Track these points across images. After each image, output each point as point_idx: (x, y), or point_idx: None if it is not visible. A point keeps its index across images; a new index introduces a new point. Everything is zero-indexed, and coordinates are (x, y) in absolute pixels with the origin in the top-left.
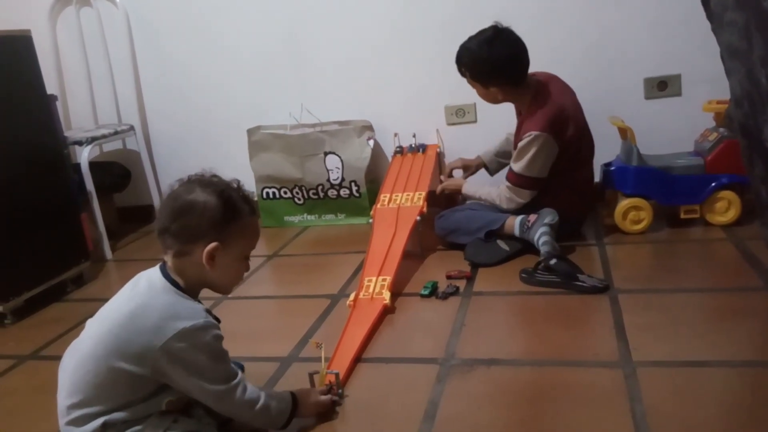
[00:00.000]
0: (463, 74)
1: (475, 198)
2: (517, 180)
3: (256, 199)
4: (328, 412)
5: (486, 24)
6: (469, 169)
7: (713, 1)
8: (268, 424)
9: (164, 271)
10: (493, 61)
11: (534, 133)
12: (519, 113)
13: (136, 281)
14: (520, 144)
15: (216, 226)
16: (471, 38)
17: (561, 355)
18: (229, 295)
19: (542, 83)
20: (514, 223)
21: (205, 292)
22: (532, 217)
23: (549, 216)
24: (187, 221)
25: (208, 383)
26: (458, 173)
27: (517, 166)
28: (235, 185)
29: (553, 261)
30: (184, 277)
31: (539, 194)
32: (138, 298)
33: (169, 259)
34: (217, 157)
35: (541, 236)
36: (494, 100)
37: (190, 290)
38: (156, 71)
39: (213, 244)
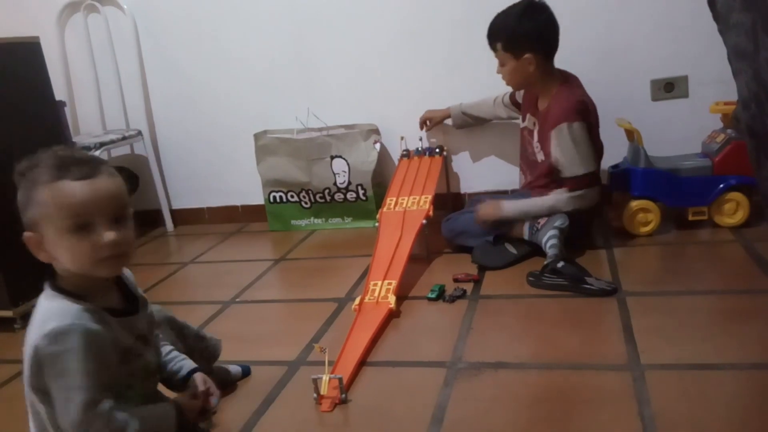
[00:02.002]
0: (494, 48)
1: (521, 216)
2: (579, 183)
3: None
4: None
5: None
6: (434, 120)
7: (719, 2)
8: None
9: (50, 279)
10: (528, 26)
11: (564, 125)
12: (534, 104)
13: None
14: (559, 144)
15: (24, 216)
16: (503, 10)
17: (569, 359)
18: (237, 300)
19: (568, 74)
20: (524, 228)
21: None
22: (542, 220)
23: (559, 220)
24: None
25: (66, 405)
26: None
27: (571, 169)
28: (52, 152)
29: (560, 264)
30: (64, 275)
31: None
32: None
33: None
34: (224, 161)
35: (549, 239)
36: (524, 75)
37: (81, 287)
38: (163, 76)
39: (26, 235)
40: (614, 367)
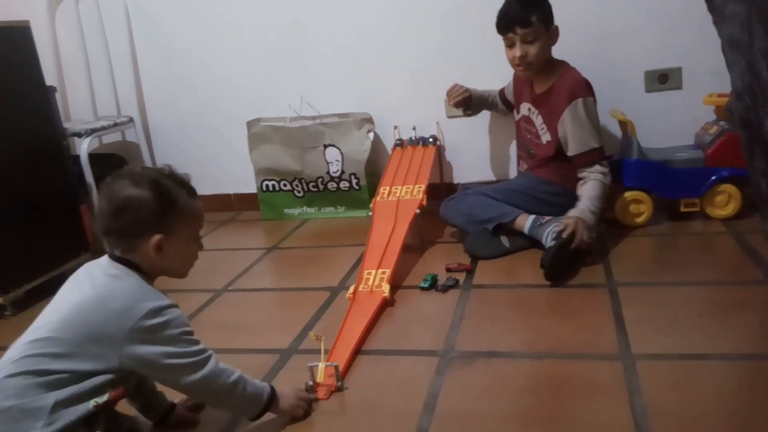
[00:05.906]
0: (527, 22)
1: (599, 211)
2: (599, 156)
3: (256, 192)
4: (304, 414)
5: (487, 17)
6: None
7: None
8: (240, 407)
9: (120, 259)
10: None
11: (580, 100)
12: (527, 90)
13: (85, 272)
14: (575, 119)
15: (155, 218)
16: None
17: (560, 348)
18: (230, 288)
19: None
20: (525, 222)
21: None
22: (547, 217)
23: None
24: (125, 220)
25: (180, 358)
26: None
27: (586, 143)
28: (167, 171)
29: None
30: (139, 265)
31: (559, 178)
32: (101, 282)
33: (118, 253)
34: (217, 149)
35: (551, 233)
36: (549, 51)
37: (148, 277)
38: (155, 62)
39: (157, 237)
40: (606, 357)
